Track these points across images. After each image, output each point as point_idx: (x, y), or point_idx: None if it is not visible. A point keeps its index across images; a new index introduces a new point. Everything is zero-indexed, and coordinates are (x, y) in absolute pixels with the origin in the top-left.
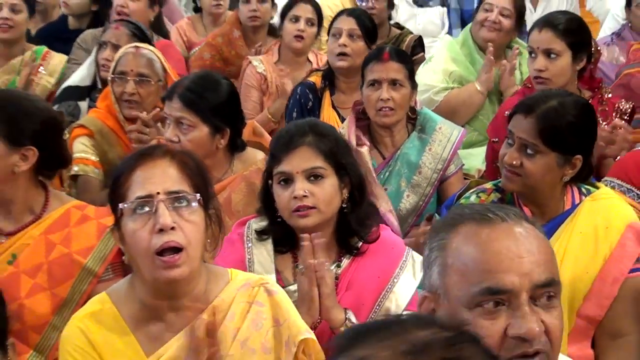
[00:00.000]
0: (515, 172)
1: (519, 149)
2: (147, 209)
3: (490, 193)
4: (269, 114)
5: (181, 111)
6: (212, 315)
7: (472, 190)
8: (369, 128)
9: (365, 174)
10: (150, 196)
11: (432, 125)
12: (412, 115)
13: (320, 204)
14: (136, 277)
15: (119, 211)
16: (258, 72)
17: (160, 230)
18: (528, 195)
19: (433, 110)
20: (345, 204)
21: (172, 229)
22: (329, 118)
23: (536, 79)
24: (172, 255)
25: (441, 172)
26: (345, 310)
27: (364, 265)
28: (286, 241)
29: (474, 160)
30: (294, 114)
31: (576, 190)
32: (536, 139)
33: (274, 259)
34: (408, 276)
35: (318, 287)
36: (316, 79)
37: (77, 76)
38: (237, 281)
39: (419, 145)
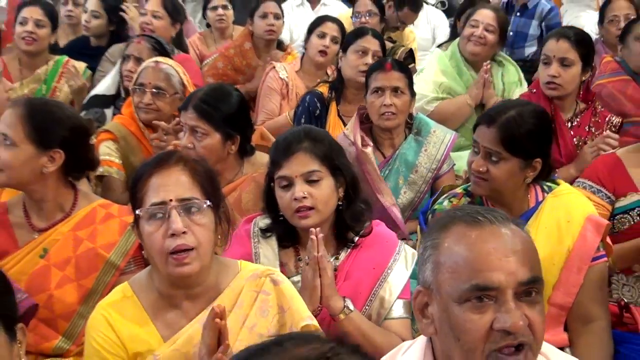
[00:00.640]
0: (483, 178)
1: (485, 157)
2: (161, 214)
3: (461, 197)
4: (289, 118)
5: (195, 120)
6: (217, 317)
7: (444, 196)
8: (370, 130)
9: (371, 171)
10: (163, 203)
11: (427, 129)
12: (409, 120)
13: (319, 204)
14: (154, 270)
15: (137, 215)
16: (280, 78)
17: (173, 235)
18: (495, 197)
19: None
20: (341, 202)
21: (184, 232)
22: (334, 126)
23: (548, 84)
24: (183, 254)
25: (435, 171)
26: (344, 298)
27: (360, 257)
28: (289, 237)
29: (461, 162)
30: (302, 120)
31: (538, 189)
32: (499, 147)
33: (278, 253)
34: (401, 267)
35: (320, 277)
36: (324, 89)
37: (103, 86)
38: (246, 272)
39: (416, 147)
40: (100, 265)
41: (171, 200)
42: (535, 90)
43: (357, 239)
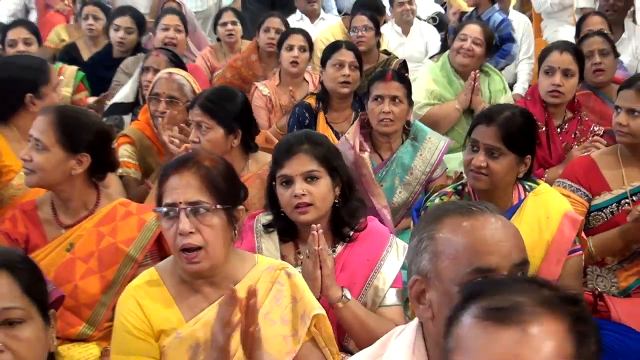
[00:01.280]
0: (483, 173)
1: (485, 153)
2: (172, 214)
3: (451, 195)
4: (277, 127)
5: (200, 116)
6: (251, 296)
7: (435, 194)
8: (370, 135)
9: (366, 175)
10: (174, 204)
11: (423, 135)
12: (407, 127)
13: (317, 201)
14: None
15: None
16: (264, 95)
17: (181, 234)
18: (489, 192)
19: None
20: (338, 200)
21: (191, 232)
22: (324, 132)
23: (552, 92)
24: (192, 252)
25: (429, 174)
26: (342, 288)
27: (355, 250)
28: (289, 232)
29: (452, 163)
30: (295, 129)
31: (521, 188)
32: (499, 143)
33: (279, 247)
34: (393, 259)
35: (320, 268)
36: (311, 100)
37: (122, 94)
38: (263, 264)
39: (412, 151)
40: (120, 259)
41: (180, 203)
42: (530, 97)
43: (352, 233)
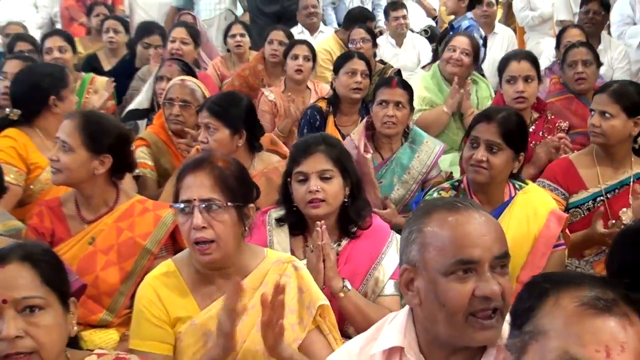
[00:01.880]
0: (483, 167)
1: (485, 149)
2: (187, 210)
3: (449, 190)
4: (278, 130)
5: (208, 118)
6: (280, 292)
7: (434, 189)
8: (373, 136)
9: (366, 175)
10: (189, 201)
11: (421, 139)
12: (407, 130)
13: (329, 198)
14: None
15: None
16: (270, 100)
17: (194, 228)
18: (484, 188)
19: None
20: (347, 199)
21: (204, 227)
22: (332, 134)
23: (516, 99)
24: (205, 245)
25: (425, 174)
26: (343, 279)
27: (358, 245)
28: (299, 226)
29: (442, 164)
30: (305, 130)
31: (511, 186)
32: (499, 139)
33: (289, 239)
34: (392, 252)
35: (323, 261)
36: (322, 104)
37: (137, 101)
38: (271, 257)
39: (410, 153)
40: (137, 251)
41: (195, 200)
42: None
43: (357, 230)
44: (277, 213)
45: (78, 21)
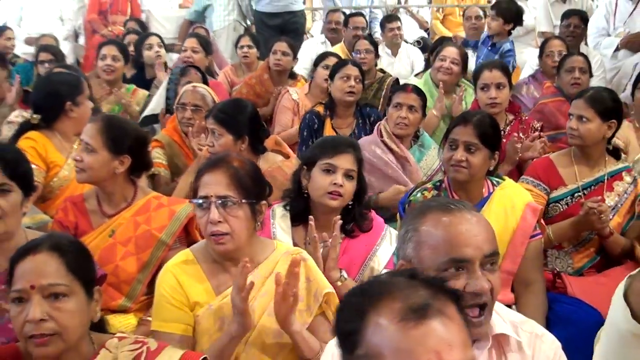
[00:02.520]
0: (462, 166)
1: (464, 149)
2: (205, 205)
3: (431, 190)
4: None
5: (213, 125)
6: (296, 264)
7: (417, 189)
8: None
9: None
10: (207, 197)
11: (429, 145)
12: (417, 134)
13: (346, 194)
14: None
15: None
16: (293, 99)
17: (211, 222)
18: (465, 185)
19: None
20: (352, 201)
21: (220, 221)
22: None
23: (490, 104)
24: (220, 237)
25: (430, 177)
26: (340, 270)
27: (354, 239)
28: (302, 216)
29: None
30: (305, 133)
31: (489, 182)
32: (476, 139)
33: (290, 227)
34: (386, 244)
35: (328, 252)
36: (320, 109)
37: (150, 107)
38: (281, 249)
39: (419, 155)
40: (153, 243)
41: (212, 196)
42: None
43: (355, 230)
44: (280, 207)
45: (99, 33)
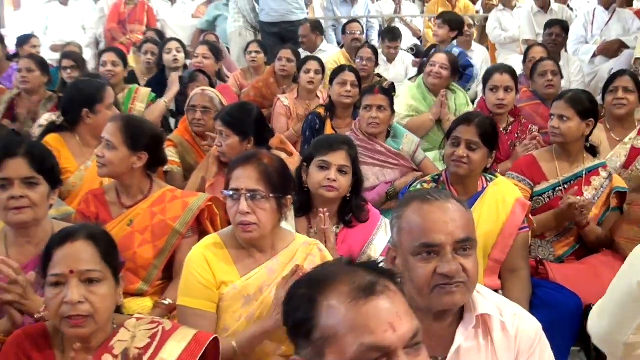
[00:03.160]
0: (463, 162)
1: (466, 147)
2: (236, 197)
3: (430, 183)
4: (294, 130)
5: (221, 127)
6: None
7: (417, 182)
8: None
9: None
10: (237, 190)
11: (402, 133)
12: (388, 129)
13: (340, 188)
14: None
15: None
16: (284, 105)
17: (240, 213)
18: (462, 180)
19: None
20: (349, 194)
21: (248, 212)
22: None
23: (497, 105)
24: (247, 226)
25: (411, 155)
26: (341, 257)
27: (352, 229)
28: (304, 208)
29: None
30: (307, 133)
31: (483, 179)
32: (477, 138)
33: (294, 218)
34: (382, 234)
35: (325, 241)
36: (321, 110)
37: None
38: (300, 240)
39: (395, 146)
40: (168, 232)
41: (242, 189)
42: (480, 109)
43: (353, 221)
44: None
45: (118, 40)
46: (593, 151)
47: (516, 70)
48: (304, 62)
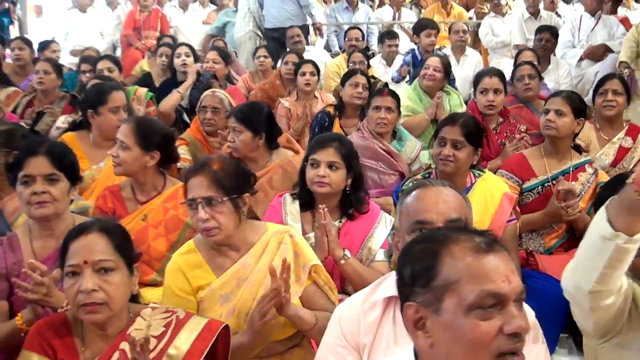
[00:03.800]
0: (450, 160)
1: (451, 146)
2: (193, 206)
3: (421, 180)
4: (293, 130)
5: (234, 123)
6: (286, 270)
7: (410, 180)
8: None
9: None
10: (194, 199)
11: (406, 137)
12: (395, 130)
13: (332, 183)
14: None
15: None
16: (285, 107)
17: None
18: (451, 177)
19: None
20: (348, 188)
21: (207, 219)
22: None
23: (487, 107)
24: (210, 231)
25: (412, 160)
26: (344, 249)
27: (355, 222)
28: (308, 203)
29: (422, 158)
30: (317, 129)
31: (472, 174)
32: (462, 137)
33: (299, 212)
34: (382, 228)
35: (327, 235)
36: (330, 109)
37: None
38: (272, 229)
39: (398, 147)
40: (181, 226)
41: (197, 198)
42: (471, 111)
43: (355, 214)
44: (291, 195)
45: (134, 46)
46: (578, 149)
47: (508, 74)
48: (299, 66)
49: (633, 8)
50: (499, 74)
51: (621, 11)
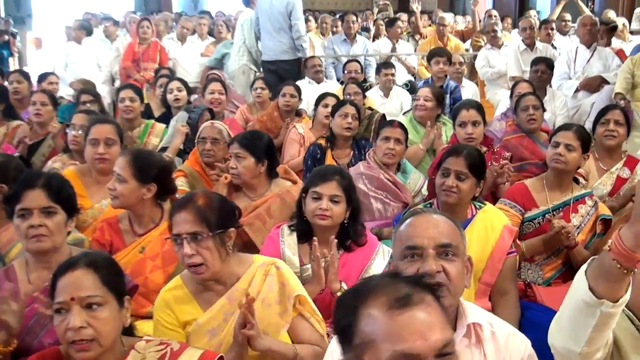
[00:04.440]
0: (453, 192)
1: (455, 177)
2: (179, 241)
3: None
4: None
5: (237, 149)
6: (250, 301)
7: (410, 210)
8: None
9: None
10: (179, 235)
11: (410, 170)
12: (399, 163)
13: (334, 216)
14: None
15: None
16: (299, 133)
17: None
18: (452, 208)
19: None
20: (347, 221)
21: (193, 254)
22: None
23: (466, 139)
24: (197, 268)
25: (415, 192)
26: (340, 282)
27: (352, 253)
28: (306, 235)
29: (423, 191)
30: (309, 162)
31: (473, 206)
32: (466, 169)
33: (297, 244)
34: (380, 259)
35: (328, 267)
36: (322, 141)
37: (166, 140)
38: (258, 261)
39: (403, 180)
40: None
41: (183, 233)
42: (452, 144)
43: (353, 246)
44: (289, 226)
45: (133, 77)
46: (577, 181)
47: (505, 104)
48: (322, 97)
49: (628, 40)
50: (476, 105)
51: (616, 43)
